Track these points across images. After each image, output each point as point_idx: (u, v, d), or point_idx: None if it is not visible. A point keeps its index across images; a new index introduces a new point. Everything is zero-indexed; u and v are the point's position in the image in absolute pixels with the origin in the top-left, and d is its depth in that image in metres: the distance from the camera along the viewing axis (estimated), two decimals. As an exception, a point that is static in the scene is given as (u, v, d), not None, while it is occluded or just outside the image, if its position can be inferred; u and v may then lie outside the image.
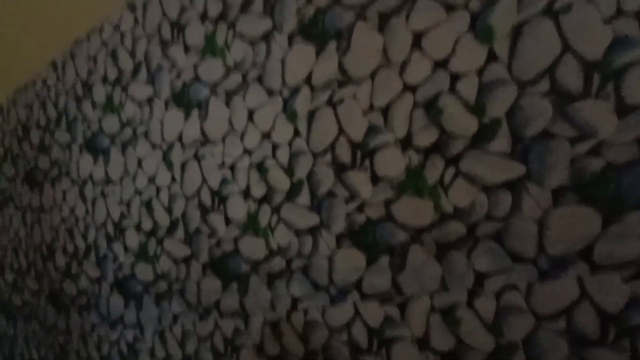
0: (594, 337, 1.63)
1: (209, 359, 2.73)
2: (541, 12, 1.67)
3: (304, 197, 2.29)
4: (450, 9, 1.85)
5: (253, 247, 2.49)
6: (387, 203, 2.05)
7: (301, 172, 2.29)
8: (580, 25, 1.60)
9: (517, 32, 1.72)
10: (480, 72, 1.80)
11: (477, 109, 1.81)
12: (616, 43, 1.55)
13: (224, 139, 2.58)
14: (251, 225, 2.49)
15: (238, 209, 2.54)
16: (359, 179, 2.11)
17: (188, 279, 2.80)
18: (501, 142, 1.77)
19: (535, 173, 1.70)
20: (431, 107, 1.91)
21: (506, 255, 1.78)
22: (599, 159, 1.59)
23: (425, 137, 1.94)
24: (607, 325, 1.60)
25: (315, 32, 2.20)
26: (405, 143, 1.99)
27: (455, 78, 1.86)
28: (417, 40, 1.94)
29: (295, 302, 2.36)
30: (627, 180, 1.56)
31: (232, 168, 2.55)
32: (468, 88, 1.83)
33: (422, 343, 1.98)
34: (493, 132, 1.78)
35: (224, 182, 2.60)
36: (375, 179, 2.07)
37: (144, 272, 3.04)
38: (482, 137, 1.81)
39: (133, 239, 3.11)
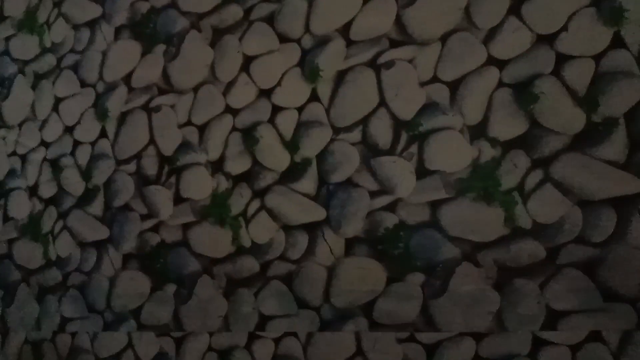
0: (360, 396, 1.59)
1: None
2: (366, 63, 1.67)
3: (97, 207, 2.05)
4: (284, 39, 1.80)
5: (29, 254, 2.17)
6: (186, 227, 1.90)
7: (99, 177, 2.06)
8: (399, 83, 1.62)
9: (341, 77, 1.71)
10: (300, 109, 1.76)
11: (291, 145, 1.75)
12: (427, 107, 1.59)
13: (21, 125, 2.26)
14: (32, 227, 2.18)
15: (21, 206, 2.22)
16: (161, 197, 1.94)
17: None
18: (308, 183, 1.72)
19: (335, 219, 1.66)
20: (248, 135, 1.82)
21: (293, 300, 1.70)
22: (393, 215, 1.60)
23: (238, 165, 1.83)
24: (374, 384, 1.58)
25: (145, 31, 2.03)
26: (216, 167, 1.87)
27: (276, 110, 1.79)
28: (246, 63, 1.85)
29: (64, 322, 2.07)
30: (416, 240, 1.57)
31: (24, 159, 2.23)
32: (287, 123, 1.77)
33: (192, 384, 1.82)
34: (302, 172, 1.73)
35: (10, 173, 2.26)
36: (178, 199, 1.92)
37: None
38: (291, 175, 1.75)
39: None
